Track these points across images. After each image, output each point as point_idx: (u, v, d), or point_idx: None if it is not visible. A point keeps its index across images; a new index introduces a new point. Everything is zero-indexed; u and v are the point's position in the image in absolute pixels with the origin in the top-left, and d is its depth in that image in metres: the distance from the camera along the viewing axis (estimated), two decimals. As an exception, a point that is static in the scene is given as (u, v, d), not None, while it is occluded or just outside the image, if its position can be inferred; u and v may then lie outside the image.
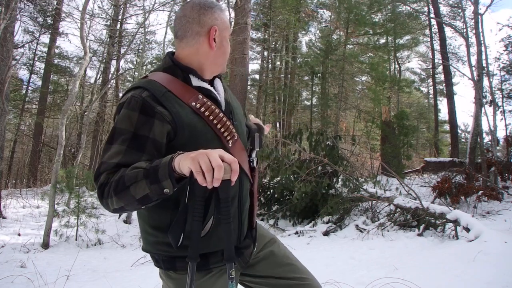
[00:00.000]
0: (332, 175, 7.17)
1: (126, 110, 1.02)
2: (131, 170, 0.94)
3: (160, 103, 1.01)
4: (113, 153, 0.99)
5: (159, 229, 1.08)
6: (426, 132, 22.93)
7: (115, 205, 0.95)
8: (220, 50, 1.16)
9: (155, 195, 0.91)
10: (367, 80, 16.03)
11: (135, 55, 16.55)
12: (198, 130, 1.05)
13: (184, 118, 1.03)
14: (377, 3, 13.61)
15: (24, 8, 14.05)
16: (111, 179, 0.96)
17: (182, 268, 1.08)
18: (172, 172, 0.89)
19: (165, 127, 1.00)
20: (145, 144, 0.99)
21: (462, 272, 3.22)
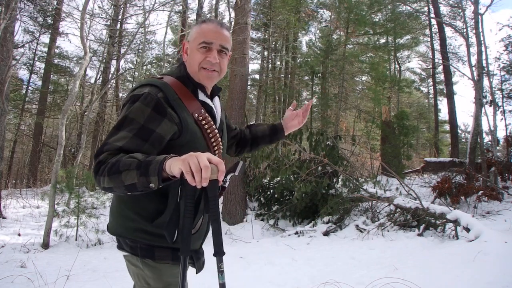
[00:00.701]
0: (332, 175, 7.18)
1: (140, 104, 1.12)
2: (128, 158, 1.03)
3: (171, 106, 1.15)
4: (119, 137, 1.09)
5: (143, 217, 1.17)
6: (426, 132, 22.93)
7: (106, 184, 1.04)
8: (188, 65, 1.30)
9: (141, 186, 1.00)
10: (367, 80, 16.02)
11: (135, 55, 16.56)
12: (197, 137, 1.20)
13: (188, 124, 1.17)
14: (377, 3, 13.60)
15: (24, 8, 14.06)
16: (109, 160, 1.05)
17: (161, 258, 1.19)
18: (161, 171, 0.98)
19: (173, 127, 1.14)
20: (150, 136, 1.11)
21: (462, 272, 3.22)
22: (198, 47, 1.25)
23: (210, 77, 1.27)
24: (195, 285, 1.37)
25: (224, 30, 1.28)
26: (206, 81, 1.27)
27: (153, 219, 1.15)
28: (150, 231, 1.16)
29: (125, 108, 1.16)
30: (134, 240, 1.20)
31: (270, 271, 4.04)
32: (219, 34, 1.26)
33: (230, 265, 4.37)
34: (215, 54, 1.25)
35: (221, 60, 1.27)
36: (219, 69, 1.28)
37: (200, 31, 1.26)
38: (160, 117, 1.12)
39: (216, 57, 1.25)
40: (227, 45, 1.28)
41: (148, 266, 1.21)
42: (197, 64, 1.25)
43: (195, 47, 1.25)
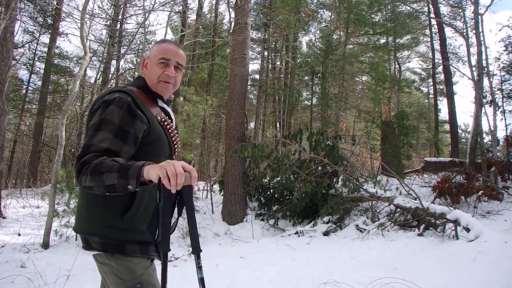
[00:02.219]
0: (332, 175, 7.18)
1: (114, 107, 1.26)
2: (111, 161, 1.15)
3: (140, 109, 1.30)
4: (102, 138, 1.21)
5: (113, 214, 1.28)
6: (426, 132, 22.93)
7: (87, 183, 1.15)
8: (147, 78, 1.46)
9: (120, 187, 1.12)
10: (367, 80, 16.02)
11: (135, 55, 16.55)
12: (162, 136, 1.36)
13: (154, 124, 1.34)
14: (377, 3, 13.60)
15: (24, 8, 14.06)
16: (93, 161, 1.16)
17: (131, 251, 1.30)
18: (139, 176, 1.10)
19: (143, 126, 1.29)
20: (127, 136, 1.24)
21: (462, 272, 3.22)
22: (157, 62, 1.42)
23: (167, 88, 1.44)
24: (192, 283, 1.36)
25: (180, 50, 1.47)
26: (164, 91, 1.44)
27: (122, 214, 1.27)
28: (120, 226, 1.28)
29: (98, 112, 1.28)
30: (104, 237, 1.31)
31: (270, 271, 4.04)
32: (176, 53, 1.44)
33: (230, 265, 4.37)
34: (172, 69, 1.43)
35: (176, 75, 1.45)
36: (174, 82, 1.46)
37: (160, 49, 1.44)
38: (132, 118, 1.26)
39: (173, 72, 1.43)
40: (182, 63, 1.47)
41: (119, 261, 1.31)
42: (156, 77, 1.42)
43: (155, 62, 1.43)
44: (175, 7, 13.18)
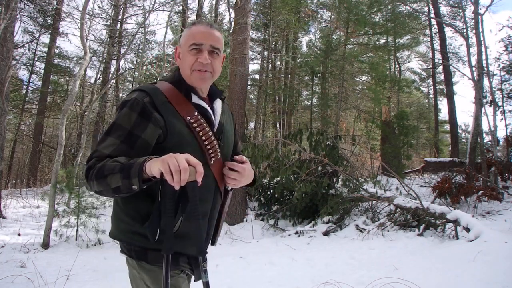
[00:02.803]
0: (332, 175, 7.18)
1: (127, 110, 1.15)
2: (112, 162, 1.07)
3: (157, 110, 1.16)
4: (107, 144, 1.13)
5: (135, 219, 1.18)
6: (426, 132, 22.92)
7: (96, 188, 1.10)
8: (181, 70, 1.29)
9: (125, 188, 1.04)
10: (367, 80, 16.01)
11: (135, 55, 16.55)
12: (186, 140, 1.18)
13: (175, 127, 1.17)
14: (377, 3, 13.60)
15: (24, 8, 14.05)
16: (96, 165, 1.09)
17: (154, 261, 1.18)
18: (141, 173, 1.01)
19: (157, 131, 1.14)
20: (136, 141, 1.13)
21: (462, 272, 3.22)
22: (188, 49, 1.24)
23: (203, 78, 1.24)
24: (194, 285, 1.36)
25: (215, 31, 1.26)
26: (199, 82, 1.25)
27: (144, 221, 1.15)
28: (142, 233, 1.15)
29: (116, 113, 1.21)
30: (129, 243, 1.22)
31: (270, 271, 4.04)
32: (209, 35, 1.24)
33: (230, 265, 4.37)
34: (206, 55, 1.22)
35: (212, 60, 1.24)
36: (212, 70, 1.25)
37: (190, 34, 1.25)
38: (146, 121, 1.13)
39: (207, 58, 1.22)
40: (218, 46, 1.26)
41: (144, 269, 1.22)
42: (189, 67, 1.24)
43: (186, 50, 1.24)
44: (175, 7, 13.18)
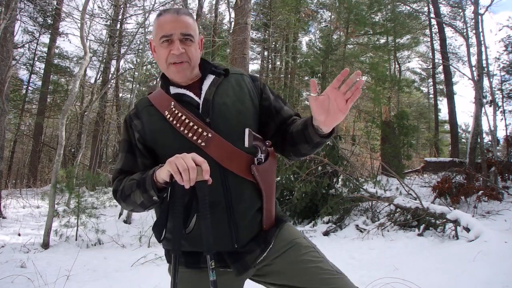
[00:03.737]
0: (332, 175, 7.17)
1: (122, 126, 1.30)
2: (129, 181, 1.14)
3: (138, 117, 1.22)
4: (118, 160, 1.24)
5: None
6: (426, 132, 22.93)
7: (126, 207, 1.19)
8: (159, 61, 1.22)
9: (148, 202, 1.09)
10: (367, 80, 16.01)
11: (135, 55, 16.54)
12: (165, 135, 1.17)
13: (152, 126, 1.19)
14: (377, 3, 13.60)
15: (24, 8, 14.06)
16: (119, 187, 1.17)
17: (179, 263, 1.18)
18: (154, 183, 1.05)
19: (136, 134, 1.21)
20: (131, 147, 1.22)
21: (462, 272, 3.22)
22: (160, 43, 1.17)
23: (180, 71, 1.18)
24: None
25: (183, 16, 1.17)
26: (177, 76, 1.19)
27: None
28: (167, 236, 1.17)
29: None
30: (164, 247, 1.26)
31: (270, 271, 4.03)
32: (177, 23, 1.16)
33: (230, 265, 4.38)
34: (178, 45, 1.14)
35: (187, 48, 1.16)
36: (188, 59, 1.17)
37: (158, 26, 1.18)
38: (131, 129, 1.22)
39: (180, 48, 1.14)
40: (190, 32, 1.17)
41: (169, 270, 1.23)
42: (164, 61, 1.18)
43: (158, 43, 1.18)
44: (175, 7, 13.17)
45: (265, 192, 1.19)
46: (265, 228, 1.21)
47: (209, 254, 1.03)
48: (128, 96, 19.39)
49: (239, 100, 1.22)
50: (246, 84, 1.27)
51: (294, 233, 1.29)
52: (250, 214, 1.17)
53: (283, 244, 1.23)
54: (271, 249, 1.21)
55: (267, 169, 1.19)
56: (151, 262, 4.70)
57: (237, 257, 1.15)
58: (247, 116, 1.21)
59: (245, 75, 1.30)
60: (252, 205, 1.18)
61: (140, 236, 6.38)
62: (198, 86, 1.23)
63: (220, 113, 1.18)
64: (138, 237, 6.35)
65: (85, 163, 16.73)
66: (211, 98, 1.19)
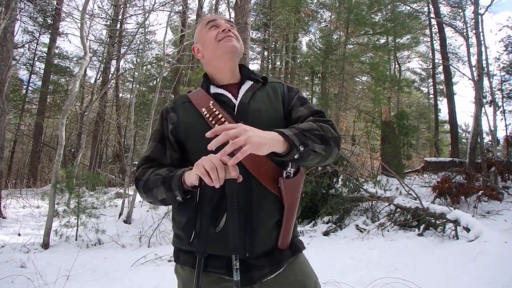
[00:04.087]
0: (332, 175, 7.17)
1: (158, 117, 1.31)
2: (155, 175, 1.15)
3: (175, 111, 1.25)
4: (148, 148, 1.27)
5: (175, 221, 1.22)
6: (426, 132, 22.94)
7: (145, 199, 1.20)
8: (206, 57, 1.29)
9: (170, 200, 1.12)
10: (367, 80, 16.03)
11: (135, 55, 16.56)
12: (198, 130, 1.16)
13: (187, 121, 1.21)
14: (377, 3, 13.61)
15: (24, 8, 14.06)
16: (142, 177, 1.18)
17: (184, 262, 1.18)
18: (181, 185, 1.06)
19: (169, 126, 1.23)
20: (163, 138, 1.24)
21: (462, 272, 3.22)
22: (207, 29, 1.27)
23: (230, 40, 1.23)
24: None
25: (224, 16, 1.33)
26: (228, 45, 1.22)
27: (175, 220, 1.22)
28: (177, 234, 1.20)
29: None
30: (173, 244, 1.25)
31: (270, 271, 4.03)
32: (220, 16, 1.31)
33: (230, 265, 4.37)
34: (225, 24, 1.26)
35: (231, 29, 1.26)
36: (235, 36, 1.25)
37: (203, 22, 1.31)
38: (165, 121, 1.25)
39: (228, 25, 1.26)
40: (232, 23, 1.30)
41: (176, 271, 1.24)
42: (213, 40, 1.24)
43: (205, 32, 1.28)
44: (175, 7, 13.19)
45: (288, 208, 1.15)
46: (280, 247, 1.16)
47: (234, 254, 1.01)
48: (128, 96, 19.41)
49: (273, 108, 1.23)
50: (282, 93, 1.29)
51: (305, 271, 1.25)
52: (268, 226, 1.14)
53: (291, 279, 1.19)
54: (280, 273, 1.17)
55: (294, 185, 1.16)
56: (151, 262, 4.70)
57: (245, 269, 1.10)
58: (279, 124, 1.20)
59: (283, 84, 1.34)
60: (272, 217, 1.15)
61: (140, 236, 6.38)
62: (236, 88, 1.26)
63: (254, 118, 1.18)
64: (138, 237, 6.35)
65: (85, 163, 16.73)
66: (247, 102, 1.22)
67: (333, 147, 1.12)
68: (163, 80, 15.81)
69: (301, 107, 1.25)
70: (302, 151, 1.02)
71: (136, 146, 15.88)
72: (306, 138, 1.04)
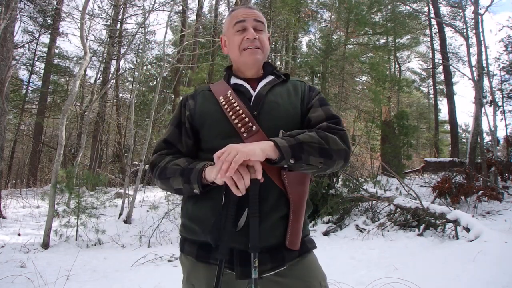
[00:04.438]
0: (332, 175, 7.17)
1: (178, 104, 1.33)
2: (173, 165, 1.16)
3: (193, 98, 1.28)
4: (166, 131, 1.29)
5: (183, 210, 1.24)
6: (426, 132, 22.94)
7: (159, 186, 1.22)
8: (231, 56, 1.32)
9: (186, 191, 1.14)
10: (367, 80, 16.02)
11: (135, 55, 16.56)
12: (213, 117, 1.20)
13: (204, 108, 1.24)
14: (377, 3, 13.61)
15: (24, 8, 14.07)
16: (159, 164, 1.20)
17: (188, 252, 1.20)
18: (200, 179, 1.08)
19: (186, 112, 1.26)
20: (180, 123, 1.26)
21: (462, 272, 3.22)
22: (234, 31, 1.26)
23: (253, 53, 1.23)
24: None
25: (254, 10, 1.29)
26: (250, 58, 1.24)
27: (187, 211, 1.21)
28: (184, 222, 1.22)
29: None
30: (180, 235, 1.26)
31: (270, 271, 4.02)
32: (250, 12, 1.27)
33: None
34: (252, 31, 1.23)
35: (259, 35, 1.25)
36: (260, 46, 1.25)
37: (231, 16, 1.29)
38: (183, 108, 1.28)
39: (254, 33, 1.23)
40: (261, 20, 1.28)
41: (181, 261, 1.25)
42: (237, 47, 1.25)
43: (232, 33, 1.27)
44: (175, 7, 13.19)
45: (294, 202, 1.13)
46: (288, 246, 1.13)
47: (254, 252, 1.03)
48: (128, 96, 19.41)
49: (291, 104, 1.23)
50: (303, 90, 1.29)
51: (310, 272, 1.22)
52: (273, 219, 1.12)
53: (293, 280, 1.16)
54: (281, 271, 1.14)
55: (297, 178, 1.14)
56: (151, 262, 4.70)
57: (245, 262, 1.08)
58: (295, 120, 1.21)
59: (305, 83, 1.34)
60: (277, 210, 1.13)
61: (140, 236, 6.38)
62: (256, 82, 1.28)
63: (269, 110, 1.20)
64: (138, 237, 6.35)
65: (85, 163, 16.73)
66: (265, 94, 1.23)
67: (335, 160, 1.10)
68: (163, 80, 15.81)
69: (320, 107, 1.24)
70: (292, 163, 1.04)
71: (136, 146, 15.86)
72: (301, 151, 1.04)
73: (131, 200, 7.67)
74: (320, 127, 1.15)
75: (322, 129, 1.14)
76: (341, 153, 1.11)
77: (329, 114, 1.21)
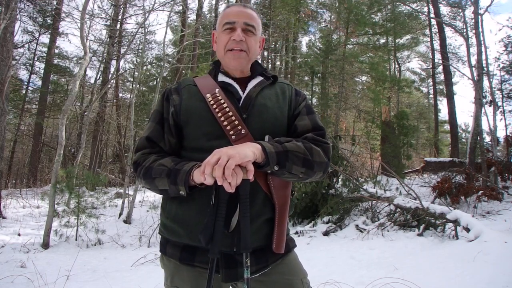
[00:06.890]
0: (332, 175, 7.17)
1: (159, 97, 1.28)
2: (158, 165, 1.11)
3: (178, 93, 1.22)
4: (147, 128, 1.24)
5: (164, 210, 1.20)
6: (426, 132, 22.95)
7: (143, 185, 1.17)
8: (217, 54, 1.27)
9: (172, 192, 1.09)
10: (367, 80, 16.03)
11: (135, 55, 16.56)
12: (200, 116, 1.16)
13: (190, 105, 1.18)
14: (377, 3, 13.62)
15: (24, 8, 14.07)
16: (143, 163, 1.15)
17: (171, 255, 1.17)
18: (188, 181, 1.04)
19: (171, 108, 1.20)
20: (162, 119, 1.20)
21: (462, 272, 3.22)
22: (222, 29, 1.22)
23: (237, 57, 1.20)
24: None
25: (248, 10, 1.24)
26: (233, 62, 1.21)
27: (169, 212, 1.17)
28: (165, 223, 1.18)
29: None
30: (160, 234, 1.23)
31: (270, 271, 4.02)
32: (241, 13, 1.22)
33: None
34: (239, 32, 1.19)
35: (247, 38, 1.20)
36: (246, 49, 1.20)
37: (223, 15, 1.25)
38: (165, 102, 1.22)
39: (241, 35, 1.18)
40: (253, 23, 1.22)
41: (163, 263, 1.23)
42: (223, 47, 1.22)
43: (221, 31, 1.23)
44: (175, 7, 13.18)
45: (279, 206, 1.15)
46: (275, 250, 1.14)
47: (244, 253, 1.03)
48: (128, 96, 19.41)
49: (279, 108, 1.22)
50: (290, 95, 1.28)
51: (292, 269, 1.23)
52: (258, 222, 1.13)
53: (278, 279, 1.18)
54: (266, 272, 1.16)
55: (283, 183, 1.15)
56: (151, 262, 4.70)
57: (231, 264, 1.11)
58: (282, 124, 1.21)
59: (292, 86, 1.33)
60: (262, 213, 1.13)
61: (140, 236, 6.38)
62: (245, 82, 1.25)
63: (258, 113, 1.18)
64: (138, 237, 6.35)
65: (85, 163, 16.72)
66: (254, 96, 1.20)
67: (315, 171, 1.12)
68: (163, 80, 15.81)
69: (307, 116, 1.24)
70: (275, 170, 1.04)
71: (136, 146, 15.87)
72: (286, 159, 1.05)
73: (131, 200, 7.68)
74: (306, 138, 1.16)
75: (308, 139, 1.14)
76: (322, 165, 1.13)
77: (315, 125, 1.21)
